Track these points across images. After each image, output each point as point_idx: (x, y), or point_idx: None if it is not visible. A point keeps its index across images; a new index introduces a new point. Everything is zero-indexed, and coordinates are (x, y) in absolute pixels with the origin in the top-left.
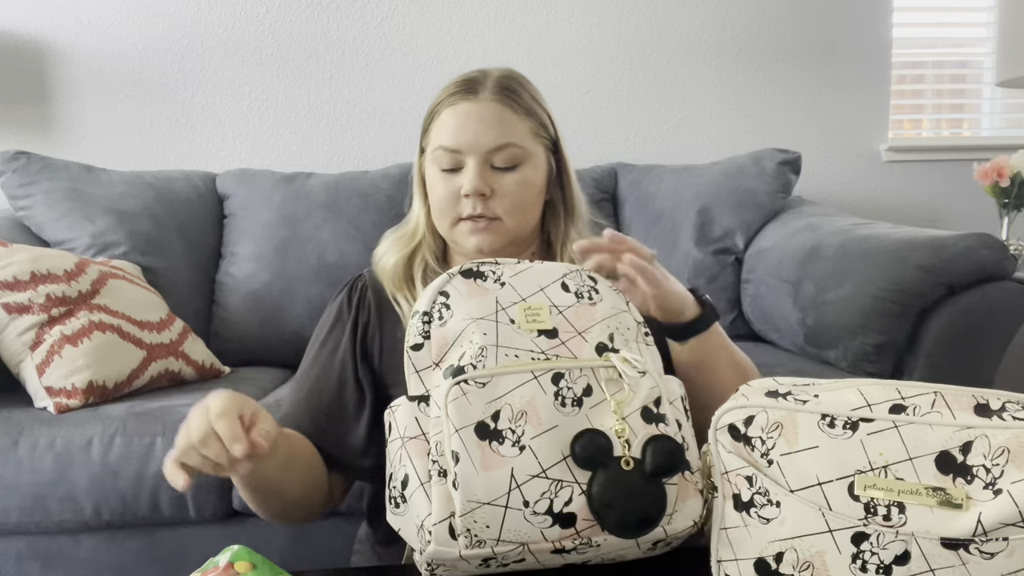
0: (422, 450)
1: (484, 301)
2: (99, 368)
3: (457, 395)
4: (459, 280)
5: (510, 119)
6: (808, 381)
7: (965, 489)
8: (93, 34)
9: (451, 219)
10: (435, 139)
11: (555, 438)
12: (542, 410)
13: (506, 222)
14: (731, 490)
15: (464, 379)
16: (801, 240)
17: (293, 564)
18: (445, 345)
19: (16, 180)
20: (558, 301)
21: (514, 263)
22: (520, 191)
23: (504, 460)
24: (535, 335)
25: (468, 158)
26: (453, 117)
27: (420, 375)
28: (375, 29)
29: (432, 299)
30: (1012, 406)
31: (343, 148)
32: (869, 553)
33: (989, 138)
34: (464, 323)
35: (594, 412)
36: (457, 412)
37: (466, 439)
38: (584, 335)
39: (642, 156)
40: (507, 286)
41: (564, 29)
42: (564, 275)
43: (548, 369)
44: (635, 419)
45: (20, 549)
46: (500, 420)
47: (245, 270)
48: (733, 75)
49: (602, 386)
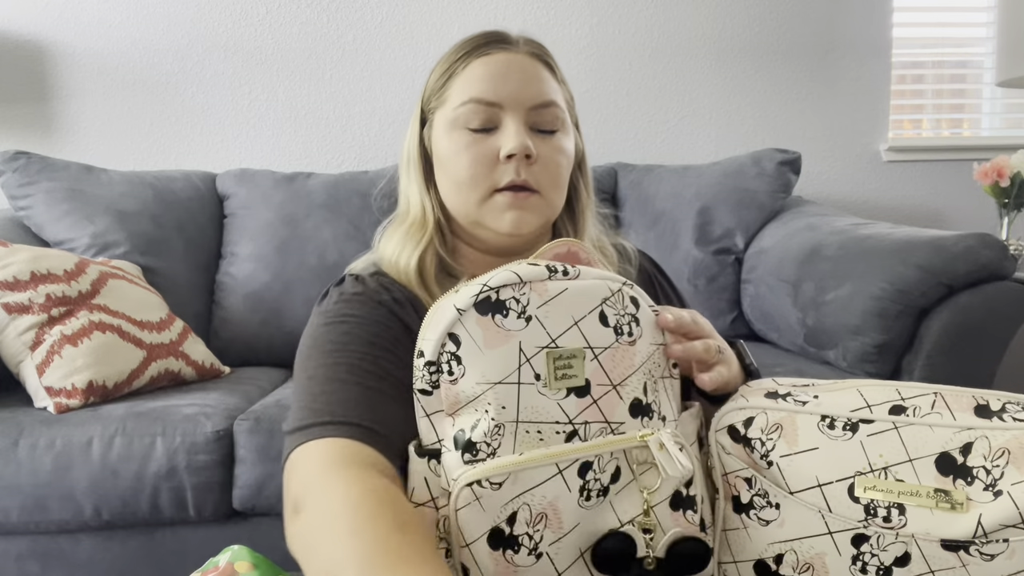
0: (430, 521)
1: (503, 352)
2: (99, 368)
3: (469, 500)
4: (473, 320)
5: (549, 78)
6: (808, 382)
7: (965, 491)
8: (93, 34)
9: (483, 191)
10: (459, 94)
11: (575, 538)
12: (564, 511)
13: (545, 197)
14: (731, 492)
15: (477, 479)
16: (801, 240)
17: (293, 564)
18: (456, 403)
19: (16, 180)
20: (595, 341)
21: (544, 279)
22: (560, 160)
23: (519, 571)
24: (563, 395)
25: (507, 114)
26: (487, 66)
27: (431, 419)
28: (375, 29)
29: (439, 343)
30: (1012, 407)
31: (343, 148)
32: (869, 555)
33: (989, 138)
34: (479, 388)
35: (619, 498)
36: (468, 523)
37: (477, 552)
38: (619, 389)
39: (642, 156)
40: (534, 322)
41: (564, 29)
42: (604, 301)
43: (575, 460)
44: (663, 509)
45: (20, 549)
46: (516, 524)
47: (245, 270)
48: (733, 75)
49: (632, 468)
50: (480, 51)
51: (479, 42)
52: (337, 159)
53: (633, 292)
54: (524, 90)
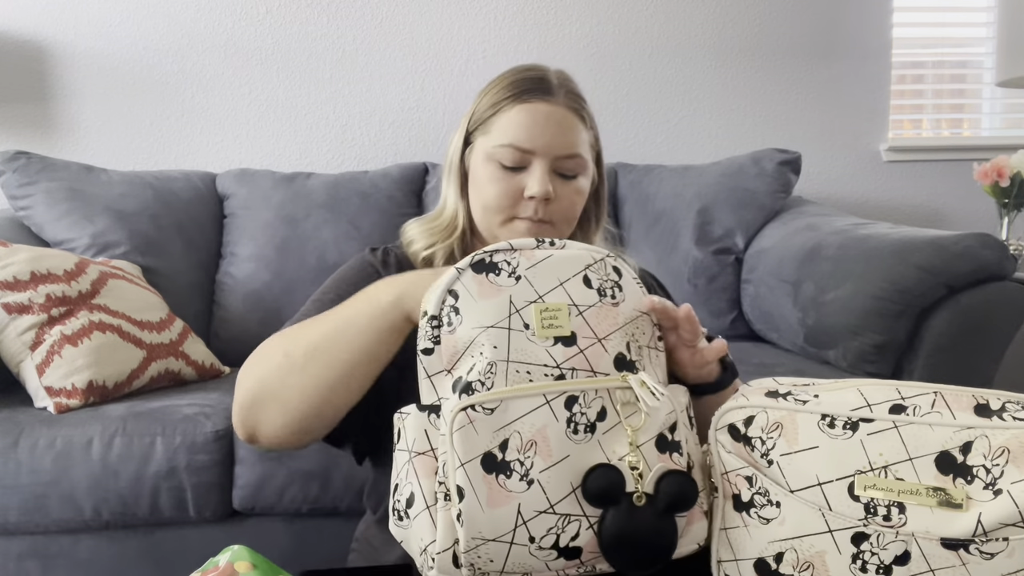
0: (429, 469)
1: (496, 303)
2: (99, 368)
3: (463, 423)
4: (469, 276)
5: (579, 128)
6: (808, 381)
7: (965, 489)
8: (93, 34)
9: (504, 217)
10: (502, 135)
11: (565, 470)
12: (553, 440)
13: (557, 228)
14: (731, 490)
15: (471, 404)
16: (801, 240)
17: (293, 564)
18: (455, 354)
19: (16, 180)
20: (579, 299)
21: (532, 248)
22: (575, 200)
23: (511, 496)
24: (551, 343)
25: (537, 160)
26: (528, 115)
27: (432, 380)
28: (375, 29)
29: (440, 299)
30: (1012, 406)
31: (343, 148)
32: (869, 553)
33: (989, 138)
34: (474, 332)
35: (607, 438)
36: (463, 443)
37: (471, 473)
38: (604, 342)
39: (642, 156)
40: (523, 280)
41: (564, 29)
42: (587, 267)
43: (561, 392)
44: (649, 448)
45: (20, 549)
46: (508, 450)
47: (245, 270)
48: (733, 75)
49: (617, 409)
50: (524, 97)
51: (523, 87)
52: (337, 159)
53: (616, 263)
54: (556, 141)
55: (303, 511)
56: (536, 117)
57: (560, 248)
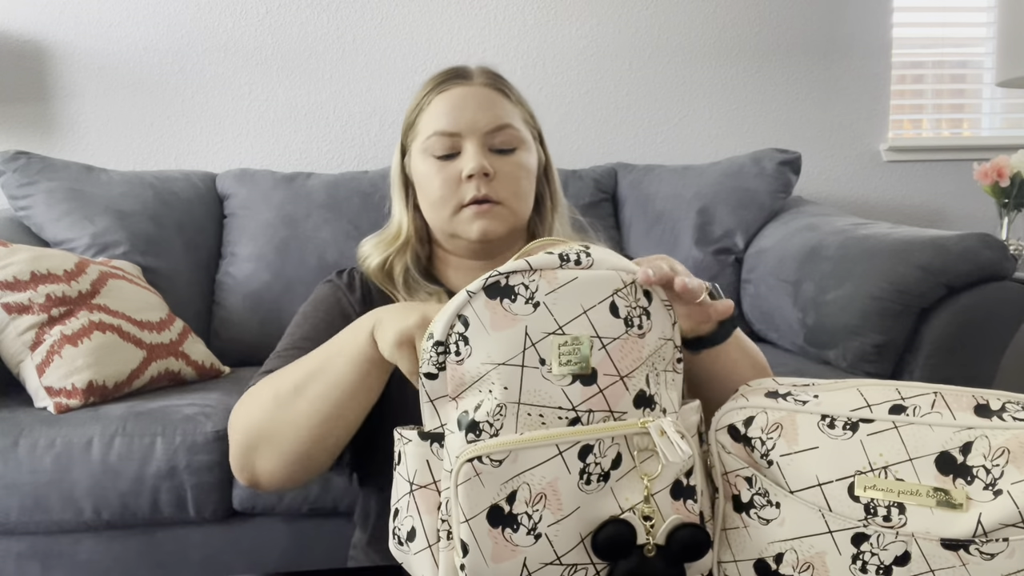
0: (431, 504)
1: (510, 335)
2: (99, 368)
3: (469, 475)
4: (482, 302)
5: (504, 103)
6: (808, 381)
7: (965, 490)
8: (93, 34)
9: (452, 207)
10: (426, 128)
11: (574, 521)
12: (564, 493)
13: (508, 207)
14: (731, 491)
15: (478, 456)
16: (801, 240)
17: (293, 564)
18: (461, 385)
19: (16, 180)
20: (603, 330)
21: (555, 267)
22: (519, 174)
23: (517, 550)
24: (568, 381)
25: (467, 140)
26: (446, 101)
27: (435, 404)
28: (375, 29)
29: (448, 324)
30: (1012, 406)
31: (343, 148)
32: (869, 554)
33: (989, 138)
34: (484, 368)
35: (620, 485)
36: (468, 497)
37: (477, 529)
38: (626, 380)
39: (642, 156)
40: (541, 308)
41: (564, 29)
42: (615, 292)
43: (575, 442)
44: (663, 497)
45: (20, 549)
46: (516, 503)
47: (245, 270)
48: (733, 75)
49: (633, 455)
50: (440, 88)
51: (440, 79)
52: (337, 159)
53: (647, 289)
54: (479, 118)
55: (303, 511)
56: (455, 100)
57: (587, 268)
